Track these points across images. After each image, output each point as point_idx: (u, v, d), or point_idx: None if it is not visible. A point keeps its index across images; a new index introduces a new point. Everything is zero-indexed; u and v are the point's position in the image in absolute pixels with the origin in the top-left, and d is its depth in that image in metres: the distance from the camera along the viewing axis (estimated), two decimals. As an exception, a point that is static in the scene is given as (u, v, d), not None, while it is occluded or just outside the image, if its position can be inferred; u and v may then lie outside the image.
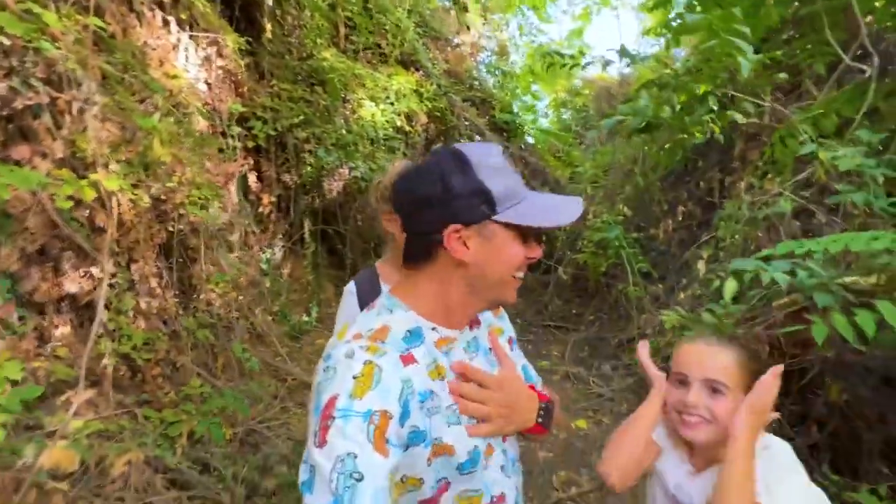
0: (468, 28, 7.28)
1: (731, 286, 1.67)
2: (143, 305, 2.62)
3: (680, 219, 5.34)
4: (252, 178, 4.14)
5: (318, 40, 4.85)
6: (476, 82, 6.77)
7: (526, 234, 0.75)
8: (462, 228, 0.73)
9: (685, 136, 2.42)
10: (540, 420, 0.82)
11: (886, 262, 1.38)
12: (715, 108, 2.07)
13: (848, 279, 1.50)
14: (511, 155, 6.28)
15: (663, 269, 5.11)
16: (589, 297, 5.47)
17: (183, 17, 3.51)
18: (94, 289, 2.35)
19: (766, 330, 1.97)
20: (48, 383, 2.03)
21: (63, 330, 2.30)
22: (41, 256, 2.21)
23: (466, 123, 6.17)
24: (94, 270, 2.34)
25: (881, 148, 2.22)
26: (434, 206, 0.73)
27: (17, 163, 1.80)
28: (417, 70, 5.93)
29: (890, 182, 1.99)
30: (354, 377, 0.65)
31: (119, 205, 1.90)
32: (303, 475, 0.63)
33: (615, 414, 3.09)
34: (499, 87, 8.42)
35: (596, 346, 4.29)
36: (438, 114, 5.86)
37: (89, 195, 1.67)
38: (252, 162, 4.14)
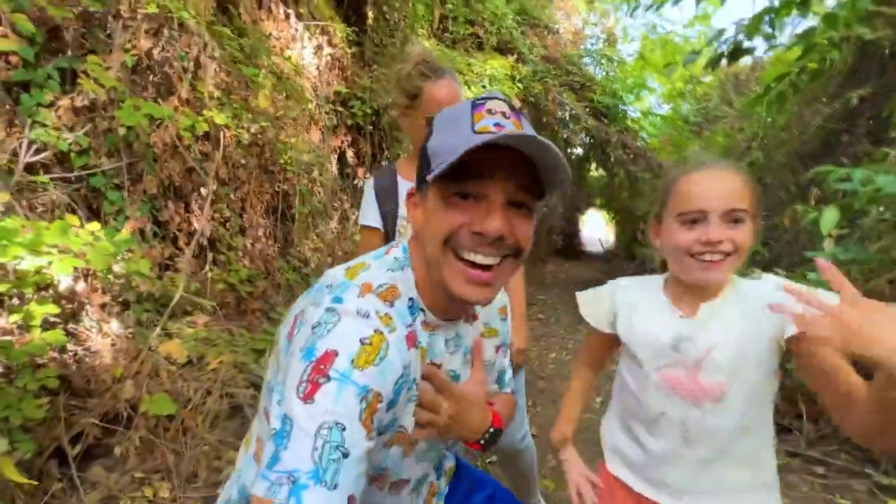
0: (569, 15, 7.07)
1: (829, 216, 1.38)
2: (248, 247, 3.06)
3: (814, 203, 4.53)
4: (350, 154, 4.55)
5: (419, 30, 5.15)
6: (575, 67, 6.55)
7: (456, 192, 0.62)
8: (413, 192, 0.70)
9: (802, 62, 2.02)
10: (482, 443, 0.75)
11: None
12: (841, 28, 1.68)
13: None
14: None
15: (788, 262, 4.36)
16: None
17: (301, 10, 4.05)
18: (213, 229, 2.83)
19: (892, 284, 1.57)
20: (170, 292, 2.50)
21: (187, 257, 2.80)
22: (177, 195, 2.74)
23: (566, 108, 6.00)
24: (216, 216, 2.82)
25: None
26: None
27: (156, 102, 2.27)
28: (514, 55, 5.94)
29: None
30: (362, 342, 0.58)
31: (223, 138, 2.27)
32: (275, 421, 0.55)
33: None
34: (605, 76, 8.02)
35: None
36: (533, 98, 5.80)
37: (202, 127, 2.04)
38: (351, 139, 4.55)
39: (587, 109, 6.03)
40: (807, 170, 4.51)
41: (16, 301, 1.57)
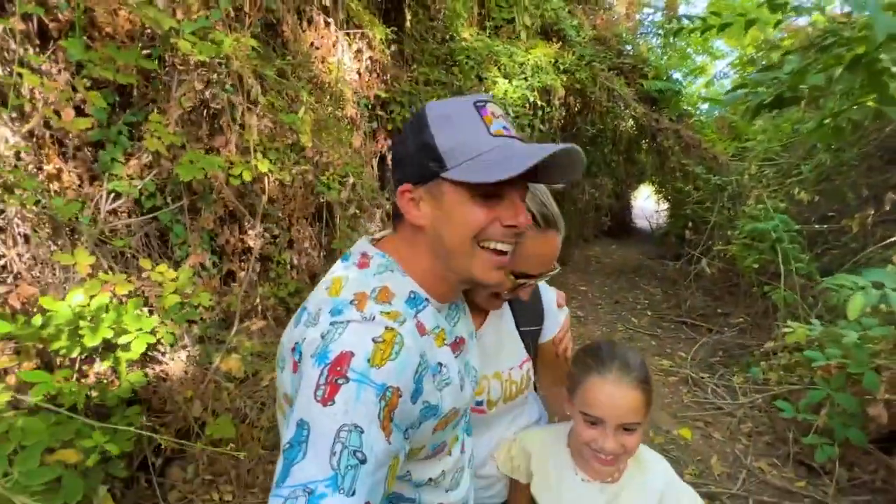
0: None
1: (857, 302, 1.33)
2: (295, 261, 3.32)
3: (888, 209, 4.10)
4: (390, 157, 4.66)
5: (459, 21, 5.03)
6: (627, 47, 6.13)
7: (486, 193, 0.65)
8: (412, 188, 0.68)
9: (855, 108, 1.86)
10: None
11: None
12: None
13: None
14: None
15: (850, 270, 4.04)
16: (740, 297, 4.68)
17: (341, 17, 4.09)
18: (265, 245, 3.10)
19: None
20: (230, 312, 2.80)
21: (243, 274, 3.10)
22: (231, 219, 3.00)
23: (615, 95, 5.70)
24: (261, 230, 3.07)
25: None
26: (397, 165, 0.72)
27: (217, 150, 2.49)
28: (559, 40, 5.66)
29: None
30: (375, 340, 0.58)
31: (269, 182, 2.46)
32: (290, 431, 0.53)
33: (731, 430, 2.72)
34: (663, 50, 7.44)
35: (733, 352, 3.73)
36: (579, 86, 5.54)
37: (248, 175, 2.22)
38: (391, 143, 4.65)
39: (637, 94, 5.68)
40: (881, 172, 4.07)
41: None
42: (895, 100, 1.64)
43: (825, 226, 4.10)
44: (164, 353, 2.32)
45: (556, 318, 1.03)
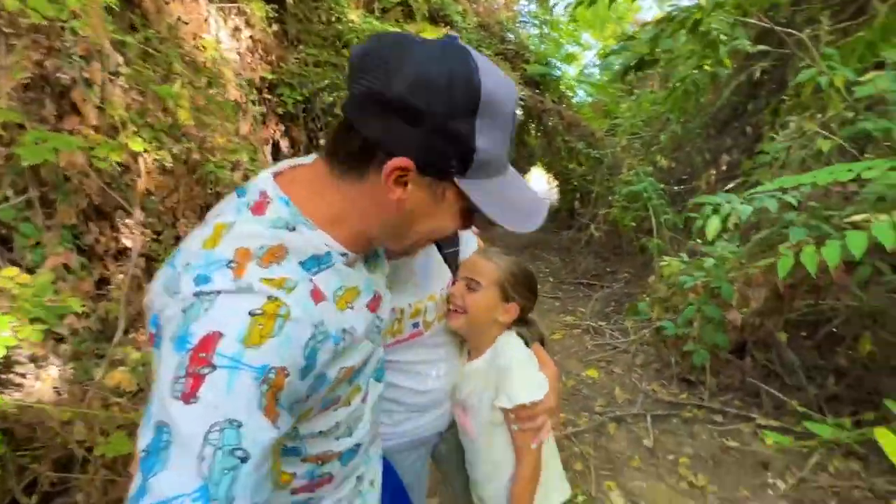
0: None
1: (712, 224, 1.62)
2: (186, 258, 2.98)
3: (724, 168, 4.98)
4: (284, 144, 4.38)
5: (343, 3, 4.88)
6: (510, 34, 6.51)
7: (472, 213, 0.61)
8: (413, 170, 0.55)
9: (695, 71, 2.24)
10: None
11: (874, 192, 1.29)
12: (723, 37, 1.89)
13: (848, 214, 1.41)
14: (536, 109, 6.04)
15: (704, 223, 4.84)
16: (624, 256, 5.32)
17: (211, -10, 3.72)
18: (147, 242, 2.72)
19: (765, 273, 1.88)
20: (109, 321, 2.42)
21: (122, 277, 2.70)
22: (98, 215, 2.58)
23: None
24: (148, 231, 2.70)
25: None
26: (402, 118, 0.53)
27: (70, 132, 2.11)
28: (446, 25, 5.81)
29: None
30: (252, 314, 0.47)
31: (145, 164, 2.17)
32: (145, 438, 0.44)
33: (627, 365, 3.10)
34: (540, 39, 8.02)
35: (622, 301, 4.23)
36: (468, 70, 5.75)
37: (117, 156, 1.93)
38: (283, 128, 4.38)
39: (522, 79, 6.08)
40: (718, 136, 4.92)
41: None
42: (724, 63, 1.99)
43: (682, 186, 4.83)
44: (24, 376, 1.93)
45: (471, 238, 1.11)
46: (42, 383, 1.91)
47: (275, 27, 4.29)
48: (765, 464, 2.08)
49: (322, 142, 4.52)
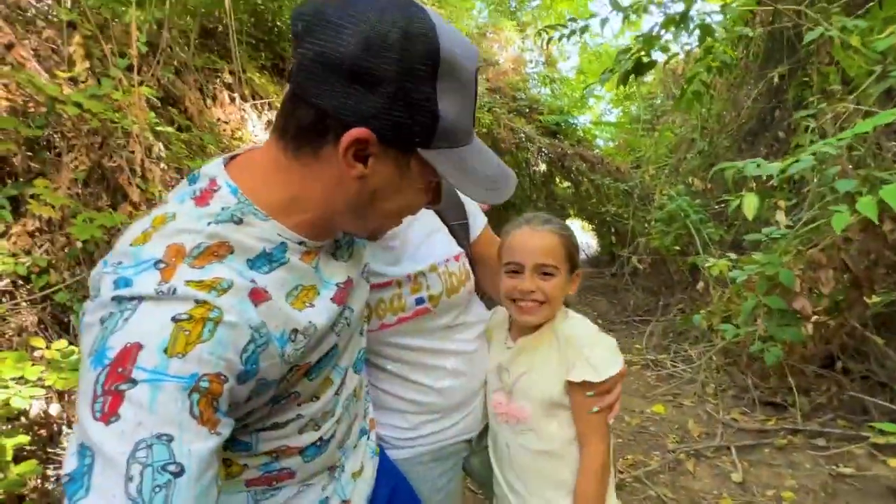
0: (505, 46, 7.47)
1: (751, 201, 1.47)
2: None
3: (765, 179, 4.71)
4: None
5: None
6: (520, 93, 6.85)
7: (440, 187, 0.59)
8: (374, 141, 0.49)
9: (702, 70, 2.20)
10: None
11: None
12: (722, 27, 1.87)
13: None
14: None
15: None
16: (675, 286, 4.97)
17: (246, 91, 4.23)
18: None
19: (824, 252, 1.65)
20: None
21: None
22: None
23: (519, 132, 6.24)
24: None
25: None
26: (357, 83, 0.47)
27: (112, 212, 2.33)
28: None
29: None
30: (176, 320, 0.43)
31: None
32: (70, 463, 0.40)
33: (698, 395, 2.73)
34: (552, 95, 8.38)
35: (681, 330, 3.86)
36: (485, 129, 6.02)
37: (156, 226, 2.10)
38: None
39: (539, 130, 6.27)
40: (751, 148, 4.73)
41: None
42: (728, 53, 1.95)
43: (723, 206, 4.59)
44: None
45: (478, 212, 1.03)
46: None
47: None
48: (893, 489, 1.68)
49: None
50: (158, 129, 2.34)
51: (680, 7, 2.12)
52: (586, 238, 9.68)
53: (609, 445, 0.86)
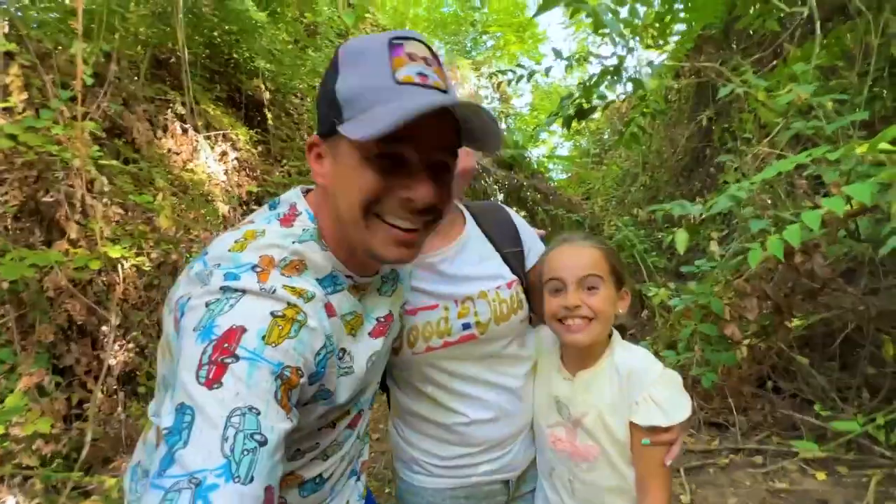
0: (461, 83, 7.79)
1: (681, 237, 1.61)
2: (172, 369, 2.89)
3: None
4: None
5: (321, 120, 5.43)
6: (476, 127, 7.13)
7: (383, 155, 0.55)
8: (318, 140, 0.61)
9: (639, 116, 2.43)
10: None
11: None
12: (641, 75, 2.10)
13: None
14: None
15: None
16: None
17: (199, 122, 4.15)
18: (128, 361, 2.66)
19: (748, 282, 1.82)
20: (94, 445, 2.27)
21: (101, 396, 2.58)
22: (81, 334, 2.56)
23: (476, 166, 6.46)
24: (131, 346, 2.66)
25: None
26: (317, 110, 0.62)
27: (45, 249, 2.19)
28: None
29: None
30: (273, 315, 0.51)
31: (122, 271, 2.21)
32: (167, 419, 0.46)
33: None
34: (507, 130, 8.77)
35: (632, 355, 4.03)
36: (443, 162, 6.20)
37: (95, 265, 1.98)
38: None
39: (495, 163, 6.51)
40: (688, 182, 5.14)
41: None
42: (658, 102, 2.16)
43: (664, 233, 4.91)
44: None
45: (535, 240, 1.00)
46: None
47: (259, 147, 4.70)
48: (823, 501, 1.80)
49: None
50: (102, 162, 2.25)
51: (614, 59, 2.34)
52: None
53: (670, 495, 0.81)
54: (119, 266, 2.21)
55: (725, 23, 3.56)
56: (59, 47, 2.65)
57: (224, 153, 4.34)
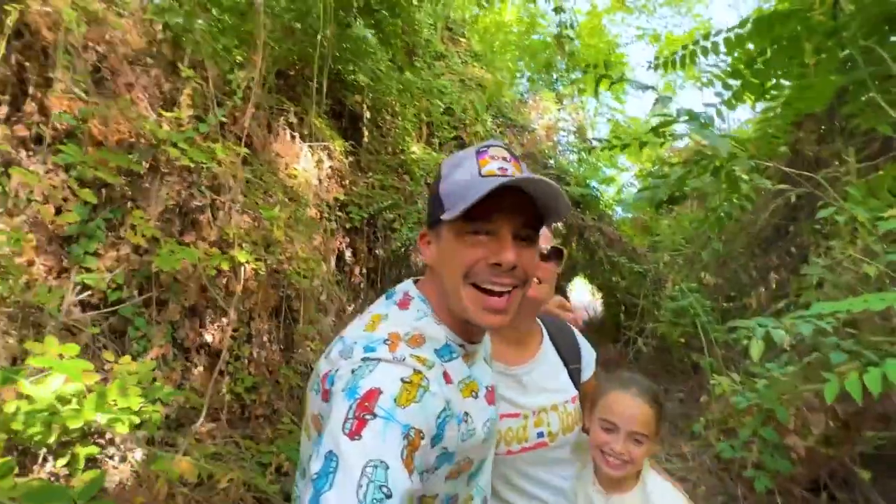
0: (542, 115, 7.93)
1: (756, 346, 1.69)
2: (254, 354, 3.26)
3: (774, 287, 4.91)
4: (348, 254, 4.90)
5: (407, 139, 5.77)
6: (551, 161, 7.23)
7: (476, 231, 0.69)
8: (427, 231, 0.77)
9: (726, 203, 2.48)
10: None
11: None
12: (743, 176, 2.17)
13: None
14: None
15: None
16: (676, 373, 5.09)
17: (305, 132, 4.60)
18: (223, 339, 3.05)
19: (821, 398, 1.84)
20: (184, 408, 2.65)
21: (200, 369, 2.99)
22: (192, 312, 2.98)
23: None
24: (224, 321, 3.05)
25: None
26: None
27: (188, 244, 2.60)
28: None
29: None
30: (403, 381, 0.60)
31: (245, 272, 2.58)
32: (318, 461, 0.54)
33: (689, 495, 2.84)
34: (579, 164, 8.80)
35: (675, 423, 3.98)
36: (514, 191, 6.35)
37: (226, 265, 2.35)
38: (349, 240, 4.93)
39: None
40: (764, 255, 4.97)
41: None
42: (749, 198, 2.23)
43: (731, 304, 4.78)
44: (111, 457, 2.14)
45: (591, 355, 1.14)
46: (123, 466, 2.09)
47: (350, 158, 5.11)
48: None
49: (382, 253, 5.02)
50: (246, 176, 2.64)
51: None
52: (594, 303, 9.81)
53: None
54: (243, 268, 2.57)
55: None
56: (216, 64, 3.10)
57: (320, 161, 4.77)
